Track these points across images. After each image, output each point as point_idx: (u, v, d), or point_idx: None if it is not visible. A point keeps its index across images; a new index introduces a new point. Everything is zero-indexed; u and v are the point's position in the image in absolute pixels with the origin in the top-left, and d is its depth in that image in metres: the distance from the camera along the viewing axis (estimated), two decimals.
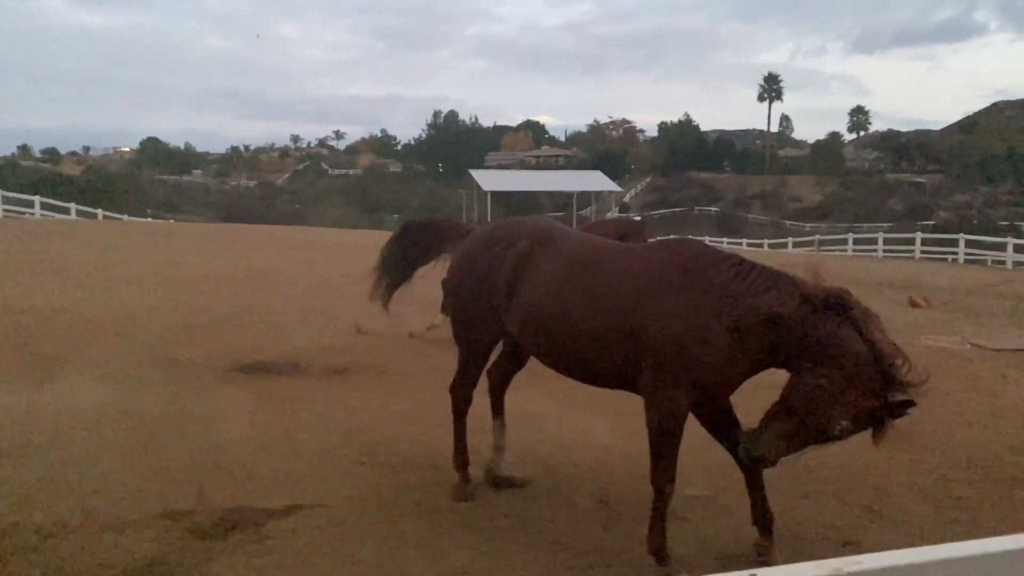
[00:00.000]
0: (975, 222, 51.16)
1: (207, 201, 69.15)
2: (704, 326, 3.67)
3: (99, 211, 33.64)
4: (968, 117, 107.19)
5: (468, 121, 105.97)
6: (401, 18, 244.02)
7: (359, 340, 8.95)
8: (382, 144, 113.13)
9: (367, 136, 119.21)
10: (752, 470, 4.04)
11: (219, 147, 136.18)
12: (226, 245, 19.77)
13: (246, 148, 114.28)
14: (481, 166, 72.35)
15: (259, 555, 3.88)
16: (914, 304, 14.52)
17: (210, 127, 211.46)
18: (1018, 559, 1.18)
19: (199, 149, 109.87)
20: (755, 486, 4.08)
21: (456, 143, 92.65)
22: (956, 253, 29.08)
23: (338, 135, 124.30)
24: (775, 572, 1.11)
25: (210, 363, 7.67)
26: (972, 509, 4.75)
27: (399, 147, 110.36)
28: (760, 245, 39.31)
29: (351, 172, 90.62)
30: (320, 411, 6.29)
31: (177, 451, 5.24)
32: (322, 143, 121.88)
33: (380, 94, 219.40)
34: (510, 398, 5.06)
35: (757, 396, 3.92)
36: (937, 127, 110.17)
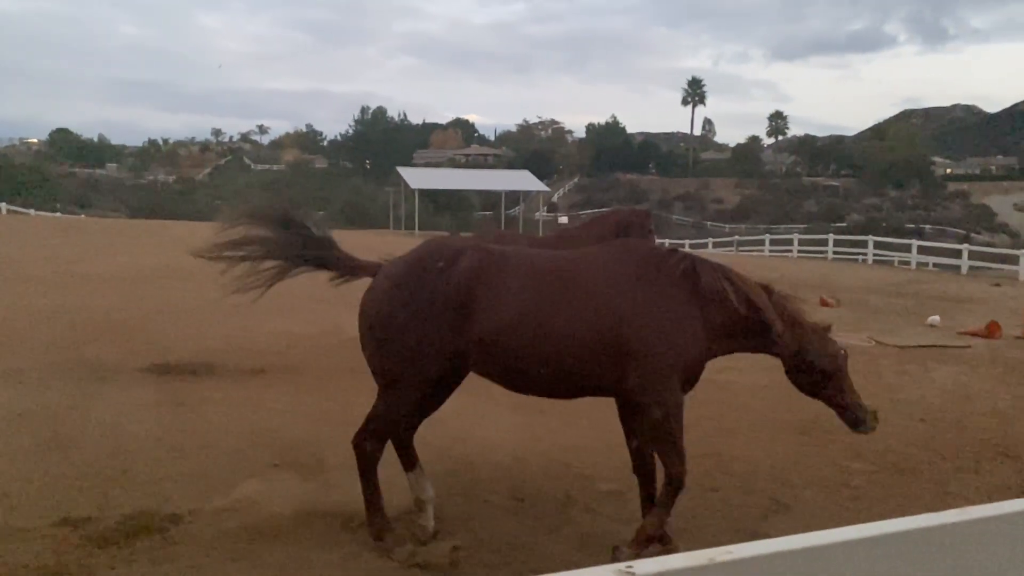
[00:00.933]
0: (884, 224, 53.69)
1: (122, 196, 66.39)
2: (687, 318, 3.90)
3: (2, 205, 31.95)
4: (879, 124, 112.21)
5: (396, 118, 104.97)
6: (328, 12, 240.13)
7: (278, 339, 8.77)
8: (308, 140, 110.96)
9: (292, 131, 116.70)
10: (650, 468, 4.22)
11: (135, 140, 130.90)
12: (141, 242, 19.06)
13: (164, 141, 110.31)
14: (409, 164, 71.75)
15: (164, 561, 3.76)
16: (824, 303, 15.15)
17: (126, 119, 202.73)
18: (870, 546, 1.25)
19: (114, 142, 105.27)
20: (652, 480, 4.23)
21: (384, 140, 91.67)
22: (866, 254, 30.45)
23: (262, 130, 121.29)
24: (650, 564, 1.14)
25: (119, 364, 7.38)
26: (867, 498, 4.99)
27: (325, 143, 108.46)
28: (682, 245, 40.25)
29: (275, 168, 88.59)
30: (234, 412, 6.14)
31: (79, 455, 5.02)
32: (245, 137, 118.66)
33: (306, 89, 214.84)
34: None
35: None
36: (851, 133, 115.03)
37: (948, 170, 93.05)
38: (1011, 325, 12.29)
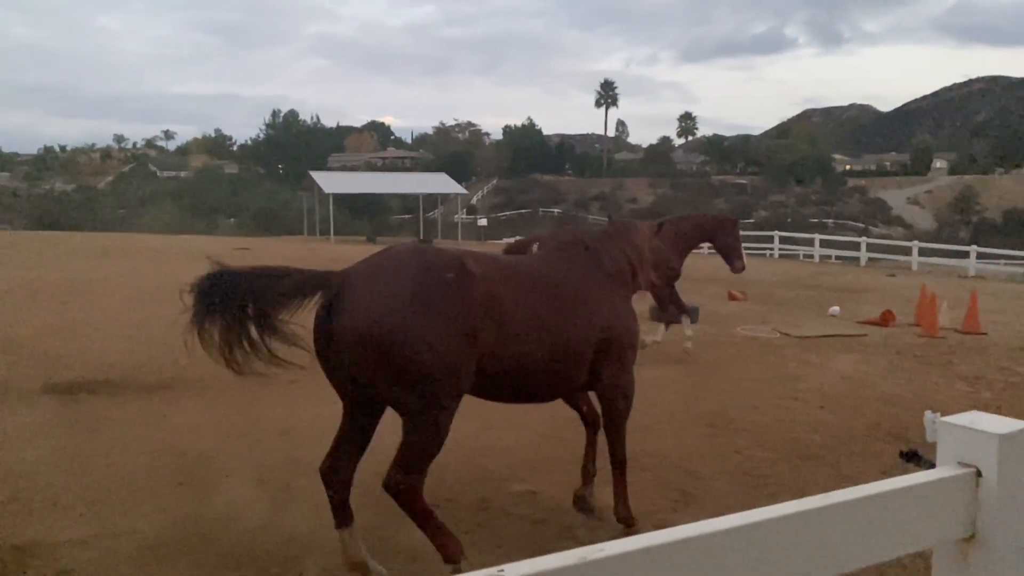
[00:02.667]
0: (789, 220, 55.92)
1: (16, 206, 62.77)
2: (629, 303, 4.35)
3: None
4: (782, 123, 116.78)
5: (309, 121, 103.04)
6: (235, 14, 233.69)
7: (182, 353, 8.46)
8: (216, 145, 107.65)
9: (200, 136, 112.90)
10: (594, 431, 4.66)
11: (29, 147, 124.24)
12: (37, 255, 18.09)
13: (62, 148, 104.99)
14: (324, 168, 70.47)
15: None
16: (732, 297, 15.68)
17: (18, 125, 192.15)
18: (737, 536, 1.31)
19: (6, 149, 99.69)
20: (593, 444, 4.66)
21: (296, 144, 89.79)
22: (772, 248, 31.67)
23: (167, 135, 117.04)
24: (521, 567, 1.17)
25: (11, 382, 7.00)
26: (772, 485, 5.19)
27: (235, 148, 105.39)
28: None
29: (182, 174, 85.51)
30: (136, 430, 5.90)
31: None
32: (150, 143, 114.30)
33: (214, 92, 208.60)
34: (322, 406, 4.96)
35: None
36: (756, 132, 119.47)
37: (847, 166, 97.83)
38: (904, 313, 13.01)
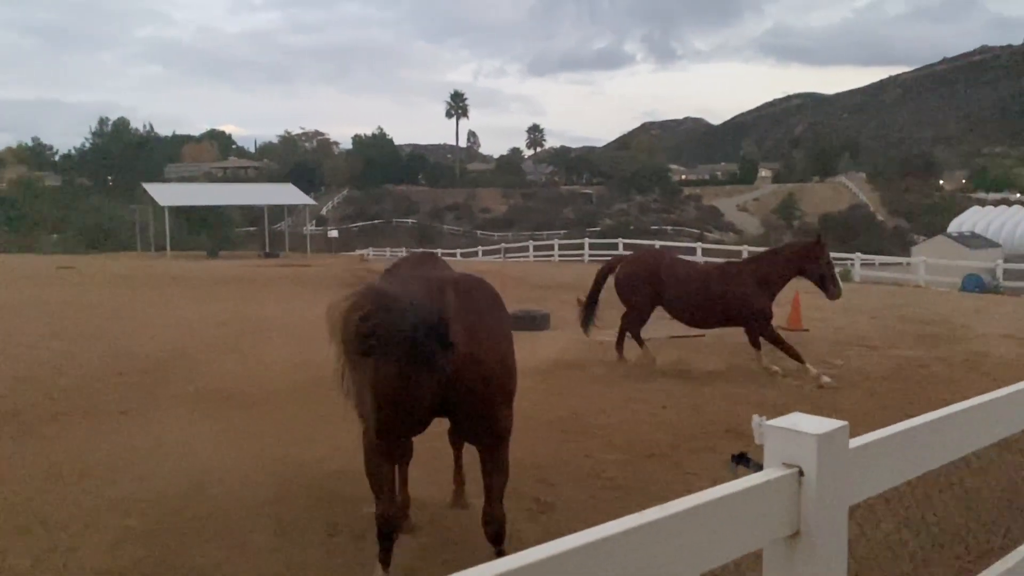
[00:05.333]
0: (632, 227, 58.64)
1: None
2: None
3: None
4: (623, 136, 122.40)
5: (142, 130, 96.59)
6: (55, 14, 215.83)
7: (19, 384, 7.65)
8: (35, 155, 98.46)
9: (15, 146, 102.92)
10: (459, 458, 4.88)
11: None
12: None
13: None
14: (159, 179, 66.30)
15: None
16: (580, 303, 16.10)
17: None
18: (568, 559, 1.29)
19: None
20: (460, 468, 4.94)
21: (127, 154, 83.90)
22: (618, 254, 33.06)
23: None
24: None
25: None
26: (621, 488, 5.34)
27: (57, 158, 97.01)
28: (453, 254, 41.07)
29: None
30: None
31: None
32: None
33: (32, 98, 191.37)
34: (153, 427, 4.63)
35: None
36: (600, 144, 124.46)
37: (683, 176, 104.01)
38: None
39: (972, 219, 31.86)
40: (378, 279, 4.04)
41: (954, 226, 30.22)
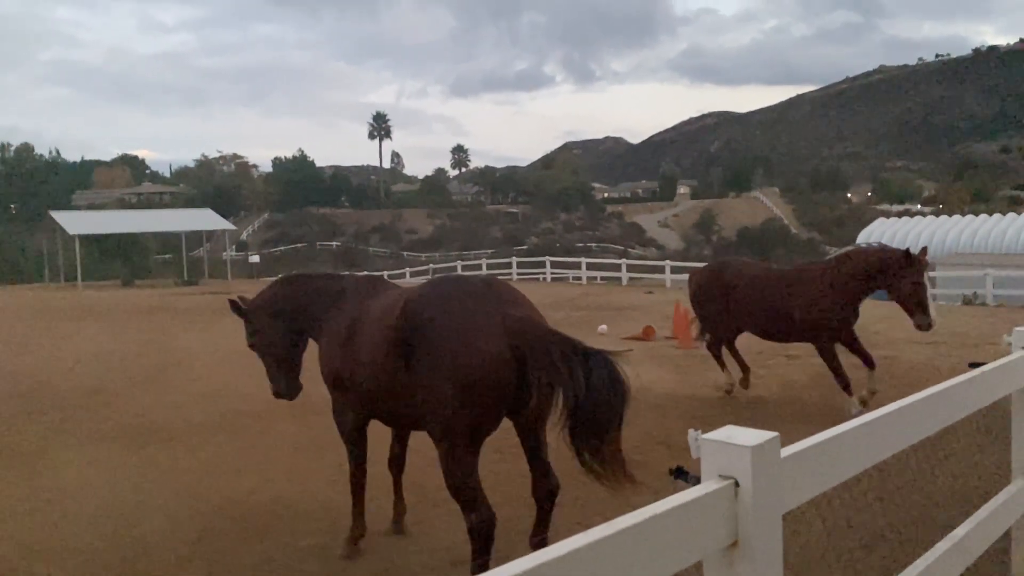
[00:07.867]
0: (558, 245, 59.33)
1: None
2: None
3: None
4: (547, 155, 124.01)
5: (48, 155, 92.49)
6: None
7: None
8: None
9: None
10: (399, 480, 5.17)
11: None
12: None
13: None
14: (68, 206, 63.50)
15: None
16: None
17: None
18: None
19: None
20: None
21: (32, 181, 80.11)
22: (545, 273, 33.36)
23: None
24: None
25: None
26: (558, 505, 5.36)
27: None
28: (381, 276, 40.66)
29: None
30: None
31: None
32: None
33: None
34: (71, 467, 4.42)
35: None
36: (524, 164, 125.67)
37: (605, 194, 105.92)
38: (662, 328, 14.20)
39: (880, 230, 33.46)
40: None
41: (863, 237, 31.65)
